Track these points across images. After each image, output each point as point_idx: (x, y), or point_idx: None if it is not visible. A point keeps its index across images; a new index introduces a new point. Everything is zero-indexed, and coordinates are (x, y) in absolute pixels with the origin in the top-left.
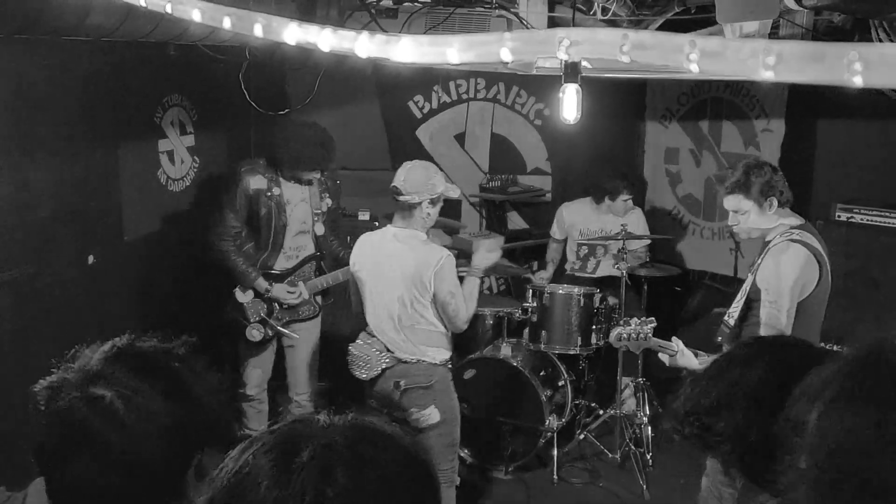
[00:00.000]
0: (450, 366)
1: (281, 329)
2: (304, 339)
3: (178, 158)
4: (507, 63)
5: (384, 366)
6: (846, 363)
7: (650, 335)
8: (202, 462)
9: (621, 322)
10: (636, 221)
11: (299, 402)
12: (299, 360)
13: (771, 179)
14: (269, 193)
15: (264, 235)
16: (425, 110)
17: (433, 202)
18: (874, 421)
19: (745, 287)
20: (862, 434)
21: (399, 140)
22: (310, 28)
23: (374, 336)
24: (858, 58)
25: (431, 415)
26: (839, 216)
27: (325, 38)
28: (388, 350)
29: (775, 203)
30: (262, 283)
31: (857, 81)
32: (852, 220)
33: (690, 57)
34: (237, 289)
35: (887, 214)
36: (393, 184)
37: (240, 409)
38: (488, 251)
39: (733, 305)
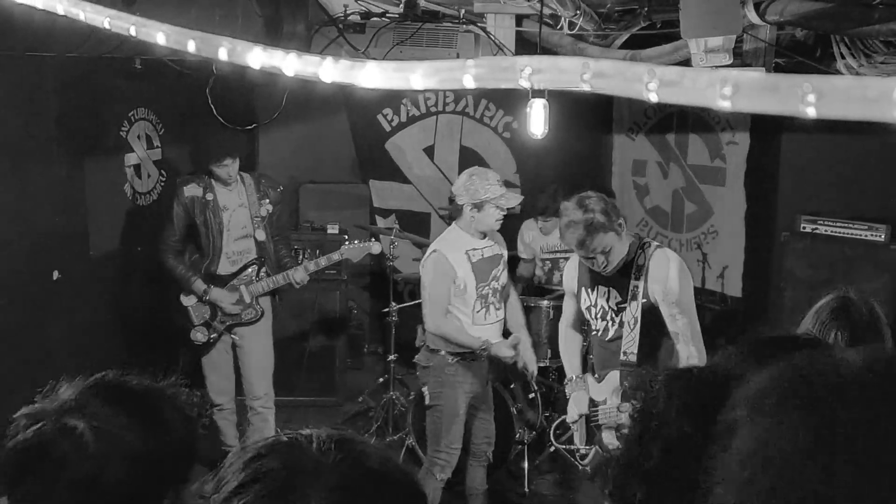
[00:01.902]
0: (450, 359)
1: (224, 331)
2: (251, 342)
3: (144, 172)
4: (473, 87)
5: (419, 343)
6: (783, 370)
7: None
8: (181, 499)
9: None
10: None
11: (255, 409)
12: (249, 364)
13: (608, 203)
14: (204, 199)
15: (203, 241)
16: (394, 123)
17: (476, 206)
18: (811, 430)
19: (634, 315)
20: (797, 443)
21: (368, 153)
22: (274, 52)
23: None
24: (812, 89)
25: (426, 394)
26: (804, 227)
27: (289, 63)
28: None
29: (624, 226)
30: (199, 286)
31: (811, 112)
32: (816, 231)
33: (649, 86)
34: (181, 294)
35: (851, 226)
36: None
37: (214, 424)
38: (507, 348)
39: (626, 342)
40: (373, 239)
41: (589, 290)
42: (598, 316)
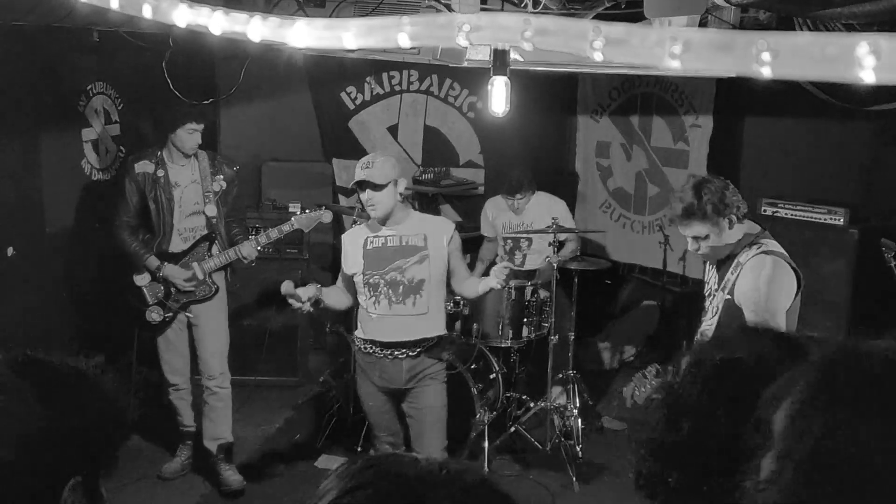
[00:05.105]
0: (361, 347)
1: (178, 310)
2: (206, 320)
3: (102, 148)
4: (409, 47)
5: None
6: (820, 364)
7: (654, 382)
8: (93, 486)
9: (631, 379)
10: (557, 210)
11: (211, 389)
12: (205, 343)
13: (724, 196)
14: (155, 176)
15: (154, 219)
16: (358, 101)
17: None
18: (852, 425)
19: (716, 305)
20: (838, 439)
21: (331, 132)
22: (201, 10)
23: None
24: (767, 47)
25: None
26: (764, 211)
27: (216, 21)
28: None
29: (734, 220)
30: (152, 262)
31: (766, 72)
32: (777, 214)
33: (594, 44)
34: (134, 274)
35: (811, 209)
36: None
37: (171, 405)
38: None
39: (705, 323)
40: (324, 208)
41: (709, 266)
42: (707, 293)
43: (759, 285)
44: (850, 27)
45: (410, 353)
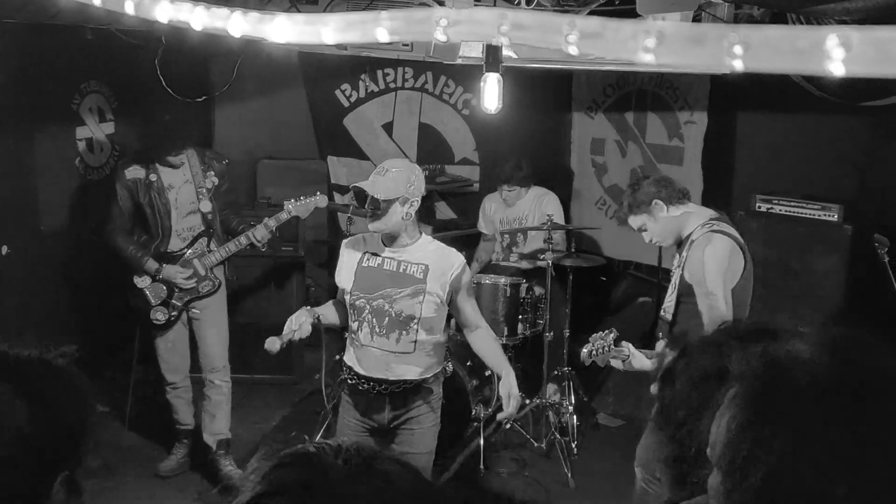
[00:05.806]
0: (346, 375)
1: (183, 308)
2: (208, 315)
3: (97, 146)
4: (387, 42)
5: None
6: (747, 381)
7: (612, 346)
8: (75, 480)
9: (588, 339)
10: (547, 203)
11: (213, 382)
12: (209, 336)
13: (647, 188)
14: (147, 181)
15: (152, 222)
16: (353, 99)
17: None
18: (780, 439)
19: (675, 282)
20: (771, 452)
21: (326, 129)
22: (182, 6)
23: None
24: (738, 40)
25: None
26: (759, 207)
27: (197, 17)
28: None
29: (661, 204)
30: (151, 266)
31: (738, 66)
32: (771, 210)
33: (569, 38)
34: (134, 276)
35: (805, 205)
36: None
37: (169, 404)
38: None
39: (667, 300)
40: (318, 193)
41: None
42: (672, 273)
43: (704, 259)
44: (843, 23)
45: (395, 390)
